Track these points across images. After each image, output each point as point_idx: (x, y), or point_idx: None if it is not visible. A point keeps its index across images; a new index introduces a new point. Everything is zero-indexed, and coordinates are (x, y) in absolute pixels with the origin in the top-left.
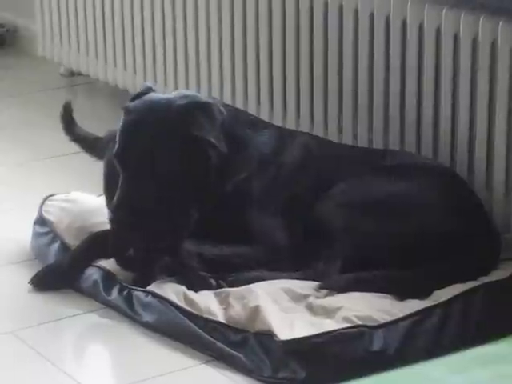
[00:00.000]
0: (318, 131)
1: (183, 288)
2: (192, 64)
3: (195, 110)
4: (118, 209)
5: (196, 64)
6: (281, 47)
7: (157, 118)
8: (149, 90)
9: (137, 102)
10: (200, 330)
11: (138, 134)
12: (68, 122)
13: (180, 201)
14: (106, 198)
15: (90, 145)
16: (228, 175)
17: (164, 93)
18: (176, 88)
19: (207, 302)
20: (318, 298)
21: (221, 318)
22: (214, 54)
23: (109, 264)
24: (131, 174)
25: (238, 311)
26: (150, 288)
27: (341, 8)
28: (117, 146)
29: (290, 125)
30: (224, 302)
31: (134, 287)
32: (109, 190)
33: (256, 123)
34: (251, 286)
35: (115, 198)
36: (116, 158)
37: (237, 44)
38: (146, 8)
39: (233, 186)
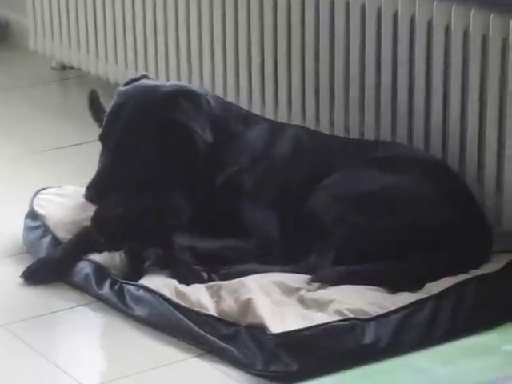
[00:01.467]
0: (310, 125)
1: (175, 281)
2: (183, 58)
3: (181, 96)
4: (91, 186)
5: (187, 58)
6: (272, 41)
7: (141, 101)
8: (143, 77)
9: (128, 86)
10: (191, 324)
11: (121, 116)
12: (96, 109)
13: (165, 187)
14: None
15: None
16: (220, 167)
17: None
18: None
19: (198, 295)
20: (309, 291)
21: (212, 312)
22: (205, 48)
23: (100, 258)
24: (112, 154)
25: (229, 304)
26: (142, 282)
27: (332, 1)
28: (102, 127)
29: (282, 119)
30: (215, 295)
31: (125, 281)
32: None
33: (248, 117)
34: (243, 279)
35: (88, 183)
36: (99, 139)
37: (228, 39)
38: (138, 2)
39: (225, 178)
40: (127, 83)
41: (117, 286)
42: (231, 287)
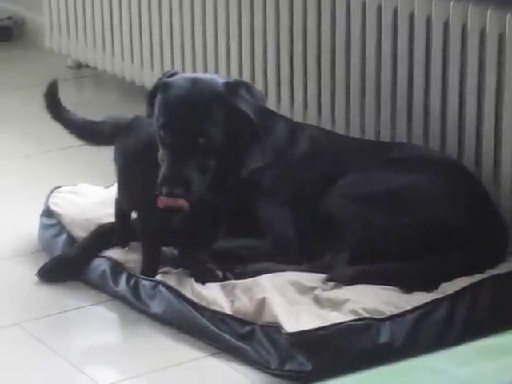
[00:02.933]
0: (326, 124)
1: (191, 280)
2: (199, 57)
3: (240, 86)
4: (167, 181)
5: (203, 58)
6: (288, 41)
7: (203, 91)
8: (176, 73)
9: (175, 78)
10: (207, 322)
11: (184, 107)
12: (52, 101)
13: (221, 175)
14: (121, 185)
15: (77, 127)
16: (245, 161)
17: None
18: None
19: (214, 294)
20: (324, 290)
21: (228, 311)
22: (221, 47)
23: (116, 254)
24: (178, 146)
25: (244, 303)
26: (158, 278)
27: (348, 2)
28: (162, 120)
29: (298, 117)
30: (230, 294)
31: (141, 276)
32: (125, 177)
33: (272, 115)
34: (258, 278)
35: (163, 172)
36: (163, 132)
37: (244, 39)
38: (154, 1)
39: (248, 174)
40: (168, 77)
41: (132, 281)
42: (246, 286)
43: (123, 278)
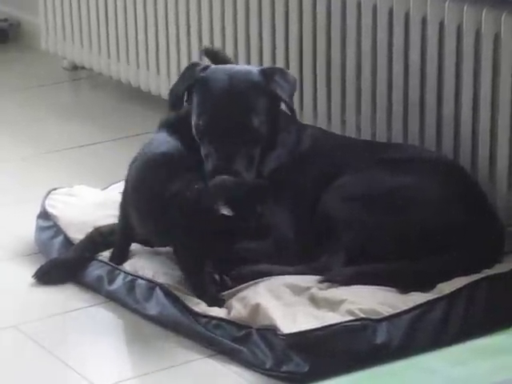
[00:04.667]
0: (322, 123)
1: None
2: (195, 58)
3: (275, 72)
4: (219, 173)
5: (199, 58)
6: (283, 41)
7: (243, 81)
8: (198, 64)
9: (211, 72)
10: (203, 327)
11: (228, 99)
12: None
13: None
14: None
15: None
16: (267, 161)
17: (169, 86)
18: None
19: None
20: (320, 289)
21: (224, 316)
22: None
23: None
24: (226, 138)
25: (239, 310)
26: (154, 279)
27: (344, 1)
28: (206, 114)
29: None
30: (226, 304)
31: (137, 275)
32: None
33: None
34: (252, 284)
35: (214, 165)
36: (209, 126)
37: (239, 40)
38: (149, 2)
39: (269, 173)
40: (203, 69)
41: (128, 279)
42: (241, 295)
43: (119, 278)
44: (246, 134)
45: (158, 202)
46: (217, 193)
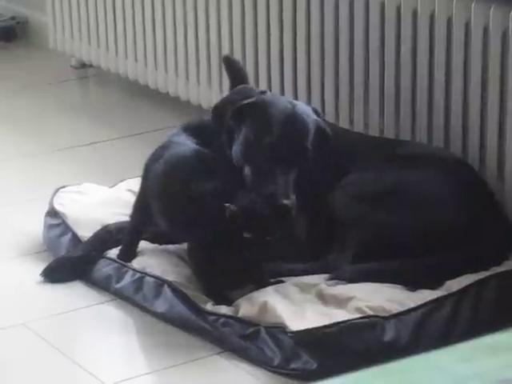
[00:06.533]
0: (330, 120)
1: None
2: (203, 56)
3: (317, 110)
4: (278, 195)
5: (207, 56)
6: (291, 38)
7: (304, 112)
8: (239, 91)
9: (267, 98)
10: (211, 325)
11: (293, 126)
12: None
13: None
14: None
15: None
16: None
17: (177, 84)
18: (186, 79)
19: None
20: (328, 286)
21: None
22: (224, 46)
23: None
24: (284, 162)
25: (247, 308)
26: (162, 277)
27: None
28: (270, 137)
29: None
30: (235, 304)
31: (145, 273)
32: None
33: None
34: None
35: (272, 187)
36: (271, 149)
37: (247, 38)
38: (157, 0)
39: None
40: (244, 97)
41: (136, 277)
42: (248, 294)
43: (128, 276)
44: (299, 161)
45: (185, 199)
46: (247, 219)
